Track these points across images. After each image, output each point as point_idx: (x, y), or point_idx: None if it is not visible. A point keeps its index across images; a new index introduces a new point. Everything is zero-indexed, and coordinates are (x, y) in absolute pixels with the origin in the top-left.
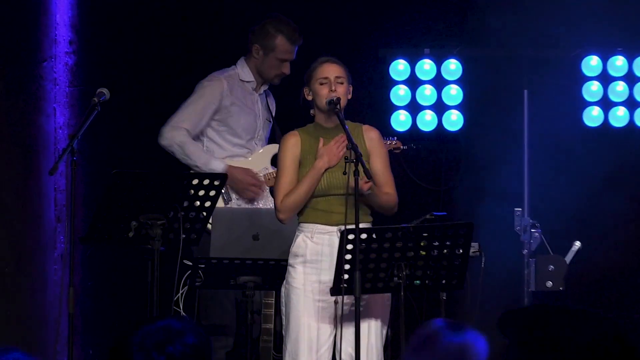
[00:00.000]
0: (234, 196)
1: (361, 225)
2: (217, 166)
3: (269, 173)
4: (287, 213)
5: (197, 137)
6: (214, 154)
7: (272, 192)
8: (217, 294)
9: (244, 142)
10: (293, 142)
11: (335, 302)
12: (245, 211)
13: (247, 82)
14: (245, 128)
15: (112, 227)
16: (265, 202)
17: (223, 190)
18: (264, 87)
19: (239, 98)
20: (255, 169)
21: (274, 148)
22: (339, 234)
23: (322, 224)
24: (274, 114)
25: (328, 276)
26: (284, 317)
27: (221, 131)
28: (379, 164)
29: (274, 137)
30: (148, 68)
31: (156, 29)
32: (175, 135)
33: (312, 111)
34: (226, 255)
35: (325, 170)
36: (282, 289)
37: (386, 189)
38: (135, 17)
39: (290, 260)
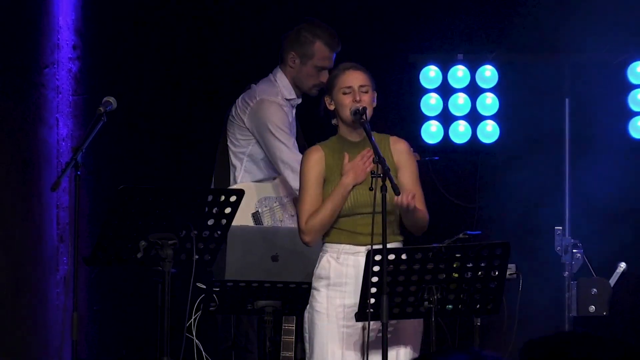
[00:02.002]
0: (265, 221)
1: (390, 245)
2: None
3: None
4: (313, 235)
5: (237, 155)
6: (251, 174)
7: None
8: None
9: None
10: (316, 158)
11: (363, 328)
12: (263, 230)
13: (290, 99)
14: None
15: (119, 247)
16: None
17: (255, 211)
18: (299, 100)
19: (286, 119)
20: (282, 192)
21: None
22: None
23: (347, 244)
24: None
25: (354, 300)
26: (307, 344)
27: (264, 154)
28: (407, 178)
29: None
30: (158, 75)
31: (166, 33)
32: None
33: (333, 121)
34: (243, 278)
35: (353, 187)
36: (306, 314)
37: (417, 205)
38: (143, 20)
39: (315, 283)
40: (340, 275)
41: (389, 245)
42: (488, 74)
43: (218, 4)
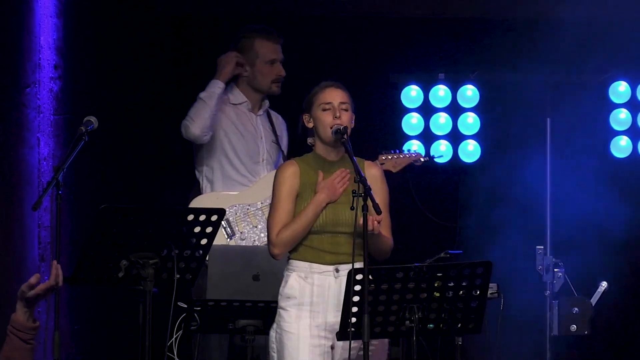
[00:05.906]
0: (237, 229)
1: (356, 265)
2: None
3: None
4: (283, 248)
5: (198, 170)
6: (214, 186)
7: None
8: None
9: (246, 170)
10: (291, 172)
11: (332, 347)
12: (244, 249)
13: (240, 104)
14: (247, 153)
15: (100, 266)
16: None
17: (225, 225)
18: (264, 107)
19: (233, 122)
20: (257, 200)
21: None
22: (335, 274)
23: (317, 262)
24: (284, 136)
25: (324, 319)
26: None
27: (220, 160)
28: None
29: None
30: (139, 94)
31: (147, 53)
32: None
33: (309, 140)
34: (224, 297)
35: (326, 205)
36: (272, 333)
37: (383, 231)
38: (125, 40)
39: (282, 303)
40: (309, 294)
41: (360, 265)
42: (469, 93)
43: (199, 25)
